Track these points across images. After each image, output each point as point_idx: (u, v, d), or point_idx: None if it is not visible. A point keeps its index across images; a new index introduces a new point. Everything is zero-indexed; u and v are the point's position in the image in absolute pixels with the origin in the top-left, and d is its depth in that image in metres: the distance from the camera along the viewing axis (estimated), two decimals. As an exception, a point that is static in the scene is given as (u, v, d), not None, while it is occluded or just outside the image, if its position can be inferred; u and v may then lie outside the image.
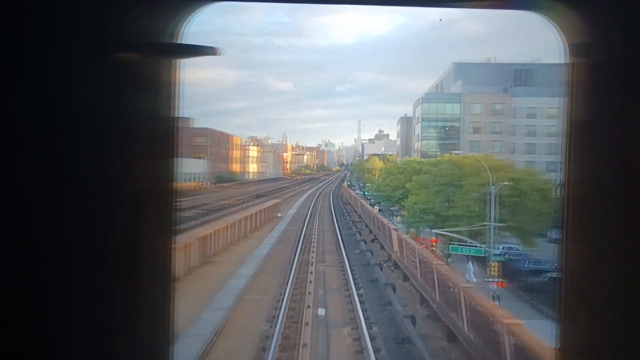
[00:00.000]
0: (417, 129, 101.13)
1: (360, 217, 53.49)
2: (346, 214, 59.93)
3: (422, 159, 58.62)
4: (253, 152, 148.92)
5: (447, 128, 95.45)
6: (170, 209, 2.37)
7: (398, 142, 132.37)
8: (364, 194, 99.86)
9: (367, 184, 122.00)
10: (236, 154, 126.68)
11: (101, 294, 2.04)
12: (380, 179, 72.76)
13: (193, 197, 50.82)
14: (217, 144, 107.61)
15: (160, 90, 2.28)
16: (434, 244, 32.15)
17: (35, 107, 1.78)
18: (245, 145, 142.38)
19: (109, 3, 2.03)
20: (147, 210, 2.27)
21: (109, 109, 2.03)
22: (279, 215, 50.57)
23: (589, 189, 2.22)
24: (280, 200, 57.88)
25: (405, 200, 45.79)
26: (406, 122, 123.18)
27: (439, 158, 54.88)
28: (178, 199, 2.43)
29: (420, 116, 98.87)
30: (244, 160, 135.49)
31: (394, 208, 56.20)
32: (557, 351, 2.36)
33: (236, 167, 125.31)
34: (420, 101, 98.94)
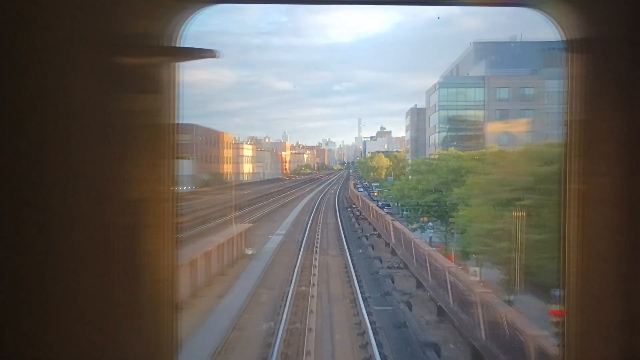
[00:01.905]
0: (433, 119, 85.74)
1: (393, 251, 29.73)
2: (368, 245, 34.12)
3: (461, 153, 43.18)
4: (247, 151, 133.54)
5: (470, 117, 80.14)
6: (172, 213, 2.33)
7: (407, 137, 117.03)
8: (369, 194, 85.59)
9: (374, 184, 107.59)
10: (227, 153, 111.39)
11: (101, 297, 2.00)
12: (398, 180, 56.50)
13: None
14: (204, 142, 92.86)
15: (160, 93, 2.26)
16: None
17: (34, 109, 1.78)
18: (238, 144, 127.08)
19: (107, 6, 2.01)
20: (148, 215, 2.24)
21: (108, 111, 2.01)
22: (250, 252, 29.42)
23: (589, 184, 2.21)
24: (253, 224, 37.77)
25: (450, 212, 30.40)
26: (417, 114, 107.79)
27: (483, 150, 39.65)
28: (181, 203, 2.37)
29: (437, 104, 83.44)
30: (237, 160, 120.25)
31: (424, 222, 40.61)
32: (561, 347, 2.34)
33: (227, 168, 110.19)
34: (438, 86, 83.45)
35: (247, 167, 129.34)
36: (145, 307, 2.22)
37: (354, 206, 62.36)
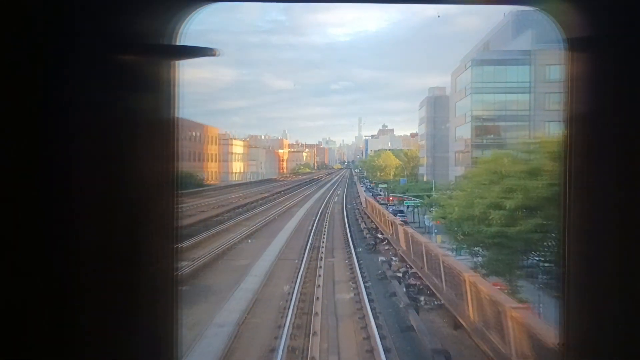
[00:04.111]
0: (462, 106, 66.12)
1: None
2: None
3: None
4: (238, 147, 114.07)
5: (511, 102, 60.72)
6: (173, 211, 2.28)
7: (422, 131, 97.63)
8: (373, 195, 71.46)
9: (381, 185, 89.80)
10: (212, 149, 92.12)
11: (101, 296, 1.97)
12: (463, 190, 32.09)
13: None
14: (182, 137, 73.62)
15: (160, 91, 2.23)
16: None
17: (34, 107, 1.77)
18: (227, 140, 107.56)
19: (108, 4, 2.00)
20: (148, 213, 2.20)
21: (108, 110, 2.00)
22: None
23: (589, 182, 2.18)
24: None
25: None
26: (434, 104, 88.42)
27: None
28: (181, 201, 2.30)
29: (468, 87, 63.75)
30: (224, 157, 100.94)
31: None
32: (560, 346, 2.29)
33: (211, 167, 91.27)
34: (470, 65, 63.72)
35: (236, 166, 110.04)
36: (145, 306, 2.14)
37: (382, 239, 30.10)
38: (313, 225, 36.66)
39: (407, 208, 64.17)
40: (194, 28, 2.28)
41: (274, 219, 39.53)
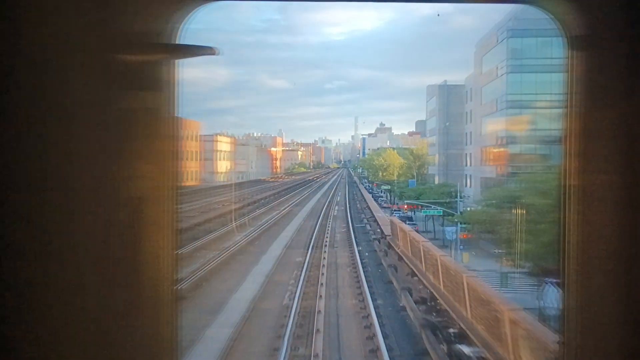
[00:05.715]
0: (491, 91, 51.98)
1: None
2: None
3: None
4: (223, 145, 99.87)
5: (556, 83, 46.55)
6: (173, 211, 2.25)
7: (431, 126, 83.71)
8: (374, 197, 66.62)
9: (384, 187, 77.00)
10: (193, 146, 77.90)
11: (101, 296, 1.96)
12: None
13: None
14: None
15: (160, 90, 2.21)
16: None
17: (34, 107, 1.76)
18: (209, 136, 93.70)
19: (108, 4, 1.99)
20: (148, 212, 2.18)
21: (109, 109, 1.99)
22: None
23: (589, 182, 2.16)
24: None
25: None
26: (447, 94, 74.35)
27: None
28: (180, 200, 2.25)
29: (502, 66, 49.62)
30: (206, 156, 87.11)
31: None
32: (561, 345, 2.26)
33: (191, 166, 77.02)
34: (506, 36, 49.39)
35: (221, 166, 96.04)
36: (145, 306, 2.13)
37: (458, 337, 13.34)
38: (300, 279, 17.81)
39: (415, 214, 51.08)
40: (192, 27, 2.24)
41: (234, 256, 21.88)
